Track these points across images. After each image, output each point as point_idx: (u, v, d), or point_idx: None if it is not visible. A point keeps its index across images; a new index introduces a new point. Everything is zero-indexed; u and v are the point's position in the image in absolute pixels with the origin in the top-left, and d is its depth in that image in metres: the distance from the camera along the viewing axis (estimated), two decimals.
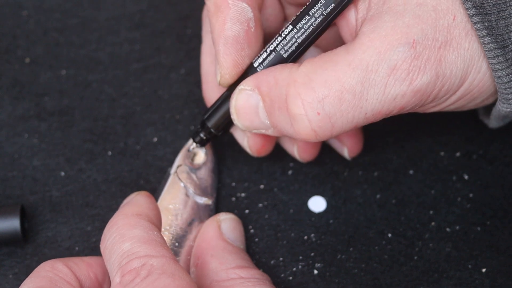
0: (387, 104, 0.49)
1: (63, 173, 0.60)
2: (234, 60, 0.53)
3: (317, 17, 0.51)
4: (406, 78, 0.48)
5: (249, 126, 0.53)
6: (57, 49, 0.66)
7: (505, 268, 0.56)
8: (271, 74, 0.51)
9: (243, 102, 0.52)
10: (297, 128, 0.50)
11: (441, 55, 0.48)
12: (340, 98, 0.49)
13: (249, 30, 0.53)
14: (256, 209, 0.59)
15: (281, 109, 0.51)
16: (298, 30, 0.51)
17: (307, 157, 0.59)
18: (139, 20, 0.68)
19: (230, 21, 0.52)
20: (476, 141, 0.61)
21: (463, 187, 0.60)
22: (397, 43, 0.48)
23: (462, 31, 0.48)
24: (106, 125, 0.63)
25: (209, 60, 0.59)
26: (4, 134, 0.62)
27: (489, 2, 0.48)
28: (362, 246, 0.57)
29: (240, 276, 0.52)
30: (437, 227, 0.58)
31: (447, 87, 0.49)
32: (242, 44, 0.53)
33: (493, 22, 0.48)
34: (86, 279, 0.50)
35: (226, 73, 0.53)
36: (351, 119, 0.50)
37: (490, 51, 0.48)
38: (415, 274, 0.56)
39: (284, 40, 0.52)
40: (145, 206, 0.50)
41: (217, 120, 0.55)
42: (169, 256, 0.46)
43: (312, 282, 0.56)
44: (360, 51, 0.49)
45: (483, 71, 0.49)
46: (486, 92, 0.51)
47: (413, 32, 0.48)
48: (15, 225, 0.56)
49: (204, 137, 0.57)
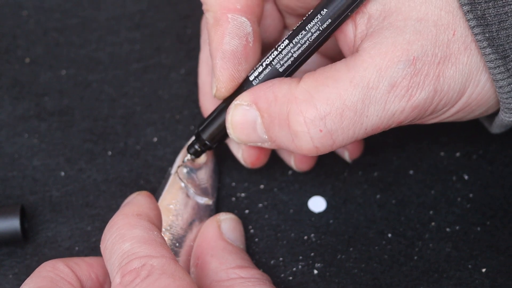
0: (386, 120, 0.50)
1: (63, 173, 0.60)
2: (231, 74, 0.53)
3: (314, 32, 0.51)
4: (405, 95, 0.49)
5: (245, 140, 0.53)
6: (57, 49, 0.66)
7: (505, 268, 0.56)
8: (270, 90, 0.51)
9: (239, 117, 0.52)
10: (298, 144, 0.51)
11: (440, 71, 0.49)
12: (341, 115, 0.49)
13: (247, 45, 0.53)
14: (256, 209, 0.59)
15: (282, 126, 0.51)
16: (294, 45, 0.51)
17: (304, 167, 0.59)
18: (139, 20, 0.68)
19: (229, 35, 0.52)
20: (476, 141, 0.61)
21: (463, 187, 0.60)
22: (397, 60, 0.48)
23: (462, 45, 0.49)
24: (106, 125, 0.63)
25: (206, 70, 0.59)
26: (4, 134, 0.62)
27: (490, 13, 0.48)
28: (362, 246, 0.57)
29: (240, 276, 0.52)
30: (437, 227, 0.58)
31: (445, 101, 0.50)
32: (239, 59, 0.53)
33: (494, 32, 0.48)
34: (87, 279, 0.50)
35: (222, 86, 0.53)
36: (352, 134, 0.50)
37: (491, 61, 0.48)
38: (415, 274, 0.56)
39: (280, 55, 0.52)
40: (145, 206, 0.50)
41: (212, 132, 0.55)
42: (169, 257, 0.46)
43: (312, 282, 0.56)
44: (361, 68, 0.49)
45: (481, 85, 0.50)
46: (485, 105, 0.51)
47: (413, 48, 0.48)
48: (15, 225, 0.56)
49: (199, 149, 0.57)
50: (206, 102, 0.59)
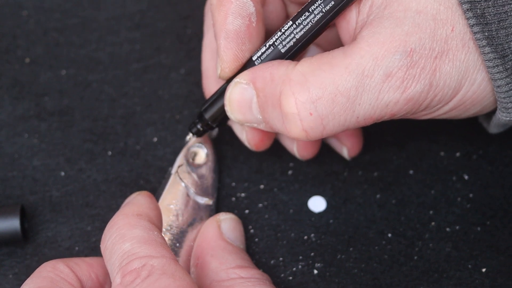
0: (379, 110, 0.50)
1: (63, 173, 0.60)
2: (235, 54, 0.53)
3: (317, 14, 0.51)
4: (400, 86, 0.49)
5: (241, 119, 0.53)
6: (57, 49, 0.66)
7: (505, 268, 0.56)
8: (268, 70, 0.51)
9: (237, 95, 0.52)
10: (288, 127, 0.51)
11: (436, 65, 0.49)
12: (333, 100, 0.49)
13: (250, 25, 0.53)
14: (256, 209, 0.59)
15: (274, 106, 0.51)
16: (297, 26, 0.51)
17: (306, 155, 0.59)
18: (139, 20, 0.68)
19: (232, 15, 0.53)
20: (476, 141, 0.61)
21: (463, 187, 0.60)
22: (394, 50, 0.48)
23: (460, 42, 0.49)
24: (106, 125, 0.63)
25: (210, 55, 0.59)
26: (4, 134, 0.62)
27: (490, 12, 0.48)
28: (362, 246, 0.57)
29: (240, 276, 0.52)
30: (437, 227, 0.58)
31: (439, 97, 0.50)
32: (243, 39, 0.53)
33: (494, 31, 0.48)
34: (87, 280, 0.50)
35: (226, 67, 0.53)
36: (343, 122, 0.50)
37: (490, 60, 0.48)
38: (415, 274, 0.56)
39: (283, 35, 0.52)
40: (145, 206, 0.50)
41: (214, 112, 0.55)
42: (170, 257, 0.46)
43: (312, 282, 0.56)
44: (358, 55, 0.49)
45: (477, 83, 0.50)
46: (480, 104, 0.51)
47: (411, 40, 0.48)
48: (15, 225, 0.56)
49: (201, 129, 0.57)
50: (209, 86, 0.59)
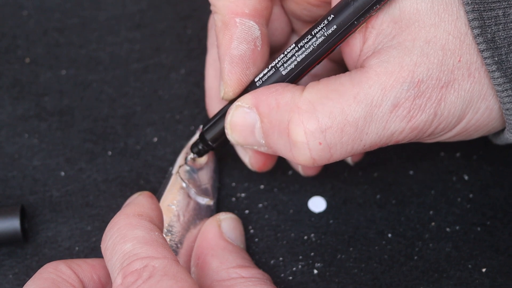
0: (385, 139, 0.50)
1: (63, 173, 0.60)
2: (239, 78, 0.53)
3: (319, 37, 0.50)
4: (406, 116, 0.49)
5: (241, 142, 0.53)
6: (57, 49, 0.66)
7: (505, 268, 0.56)
8: (272, 95, 0.51)
9: (239, 119, 0.52)
10: (296, 154, 0.50)
11: (442, 95, 0.49)
12: (342, 130, 0.49)
13: (255, 49, 0.53)
14: (256, 209, 0.59)
15: (281, 134, 0.51)
16: (299, 49, 0.51)
17: (311, 173, 0.59)
18: (139, 20, 0.68)
19: (237, 40, 0.52)
20: (476, 142, 0.61)
21: (463, 187, 0.60)
22: (402, 80, 0.48)
23: (466, 72, 0.49)
24: (106, 125, 0.63)
25: (213, 74, 0.59)
26: (4, 134, 0.62)
27: (500, 36, 0.47)
28: (362, 246, 0.57)
29: (241, 275, 0.52)
30: (437, 227, 0.58)
31: (443, 125, 0.50)
32: (247, 64, 0.52)
33: (503, 55, 0.48)
34: (89, 281, 0.50)
35: (229, 90, 0.53)
36: (350, 149, 0.50)
37: (499, 85, 0.48)
38: (415, 274, 0.56)
39: (284, 57, 0.51)
40: (146, 206, 0.50)
41: (216, 133, 0.55)
42: (171, 257, 0.46)
43: (312, 282, 0.56)
44: (366, 85, 0.48)
45: (481, 112, 0.50)
46: (483, 130, 0.51)
47: (419, 71, 0.48)
48: (15, 225, 0.56)
49: (202, 149, 0.57)
50: (213, 106, 0.59)
